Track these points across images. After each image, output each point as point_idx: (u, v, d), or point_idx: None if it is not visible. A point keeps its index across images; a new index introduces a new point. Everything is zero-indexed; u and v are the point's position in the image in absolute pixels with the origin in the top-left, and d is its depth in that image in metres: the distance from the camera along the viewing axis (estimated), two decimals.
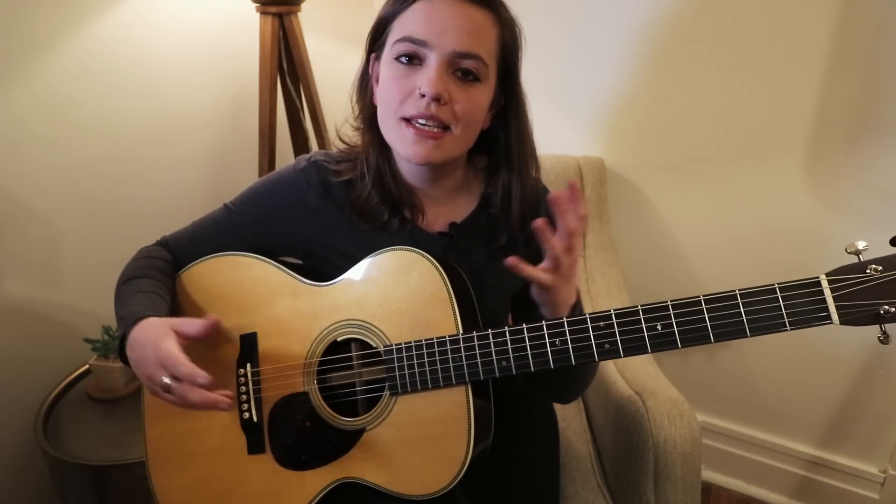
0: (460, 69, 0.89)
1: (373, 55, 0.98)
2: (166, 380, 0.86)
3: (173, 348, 0.86)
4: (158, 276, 1.02)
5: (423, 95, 0.88)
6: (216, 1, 1.75)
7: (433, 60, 0.88)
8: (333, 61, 1.93)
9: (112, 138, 1.62)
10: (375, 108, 0.97)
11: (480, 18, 0.90)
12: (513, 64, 0.96)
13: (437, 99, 0.88)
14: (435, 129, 0.90)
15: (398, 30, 0.91)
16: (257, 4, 1.63)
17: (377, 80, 0.96)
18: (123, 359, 0.93)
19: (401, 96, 0.90)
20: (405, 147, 0.92)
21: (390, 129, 0.93)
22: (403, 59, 0.90)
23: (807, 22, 1.46)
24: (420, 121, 0.89)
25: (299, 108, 1.82)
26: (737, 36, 1.54)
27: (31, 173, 1.49)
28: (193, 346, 1.02)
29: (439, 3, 0.88)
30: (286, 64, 1.73)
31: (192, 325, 0.91)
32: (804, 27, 1.47)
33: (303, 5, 1.69)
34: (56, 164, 1.52)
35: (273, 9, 1.63)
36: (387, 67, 0.93)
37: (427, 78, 0.87)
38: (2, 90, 1.41)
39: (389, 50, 0.92)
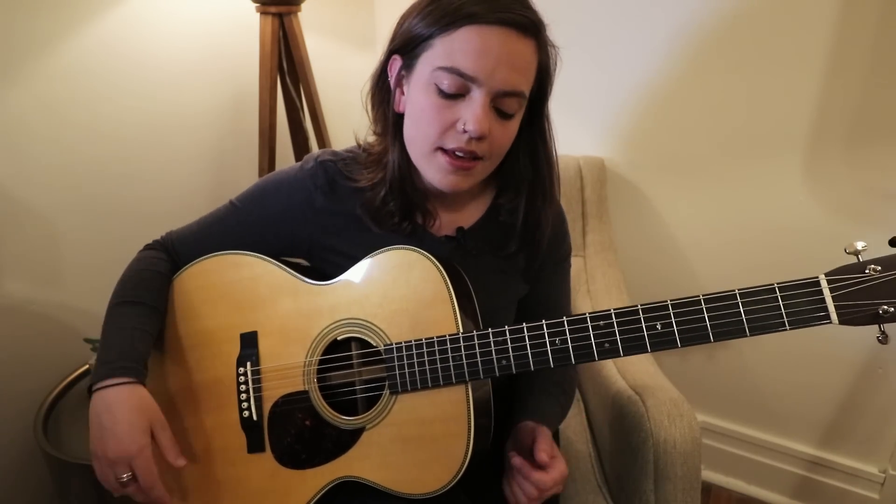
0: (501, 106, 0.88)
1: (396, 57, 0.93)
2: (125, 478, 0.88)
3: (152, 467, 0.89)
4: (149, 298, 1.00)
5: (465, 131, 0.86)
6: (216, 1, 1.75)
7: (478, 97, 0.85)
8: (333, 61, 1.93)
9: (112, 138, 1.62)
10: (396, 114, 0.95)
11: (527, 51, 0.87)
12: (545, 88, 0.95)
13: (479, 138, 0.87)
14: (469, 161, 0.89)
15: (443, 55, 0.85)
16: (257, 4, 1.63)
17: (400, 86, 0.93)
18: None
19: (441, 128, 0.88)
20: (436, 175, 0.92)
21: (422, 155, 0.92)
22: (446, 89, 0.86)
23: (807, 21, 1.46)
24: (458, 153, 0.88)
25: (299, 108, 1.82)
26: (737, 36, 1.54)
27: (31, 173, 1.49)
28: (192, 348, 1.02)
29: (490, 33, 0.83)
30: (286, 64, 1.73)
31: (168, 449, 0.93)
32: (805, 27, 1.47)
33: (303, 5, 1.69)
34: (56, 164, 1.52)
35: (273, 9, 1.63)
36: (424, 90, 0.88)
37: (473, 115, 0.85)
38: (2, 90, 1.41)
39: (429, 72, 0.87)
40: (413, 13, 0.90)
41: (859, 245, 0.77)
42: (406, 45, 0.90)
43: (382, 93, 0.97)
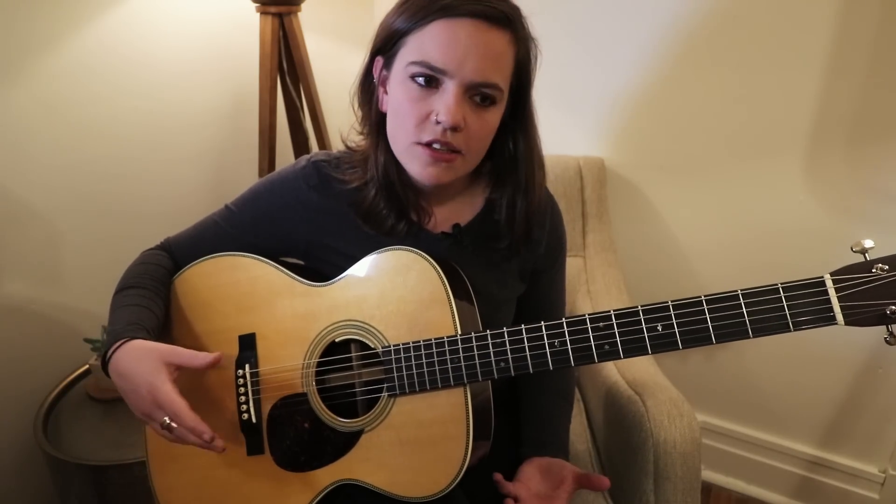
0: (477, 95, 0.87)
1: (379, 58, 0.94)
2: (167, 420, 0.86)
3: (171, 392, 0.86)
4: (150, 283, 1.01)
5: (438, 122, 0.86)
6: (216, 1, 1.74)
7: (451, 88, 0.85)
8: (333, 61, 1.93)
9: (112, 138, 1.61)
10: (381, 114, 0.96)
11: (499, 43, 0.86)
12: (526, 81, 0.94)
13: (453, 128, 0.86)
14: (448, 153, 0.88)
15: (415, 49, 0.87)
16: (257, 4, 1.63)
17: (383, 86, 0.94)
18: (107, 371, 0.92)
19: (416, 120, 0.88)
20: (417, 168, 0.91)
21: (403, 149, 0.92)
22: (420, 81, 0.87)
23: (807, 21, 1.46)
24: (434, 145, 0.88)
25: (299, 108, 1.82)
26: (737, 36, 1.54)
27: (32, 173, 1.49)
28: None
29: (459, 26, 0.84)
30: (286, 64, 1.73)
31: (192, 358, 0.90)
32: (805, 27, 1.46)
33: (303, 5, 1.68)
34: (56, 164, 1.52)
35: (273, 9, 1.63)
36: (401, 85, 0.89)
37: (445, 106, 0.85)
38: (2, 90, 1.41)
39: (403, 67, 0.88)
40: (392, 12, 0.91)
41: (867, 243, 0.74)
42: (385, 44, 0.91)
43: (367, 93, 0.98)
